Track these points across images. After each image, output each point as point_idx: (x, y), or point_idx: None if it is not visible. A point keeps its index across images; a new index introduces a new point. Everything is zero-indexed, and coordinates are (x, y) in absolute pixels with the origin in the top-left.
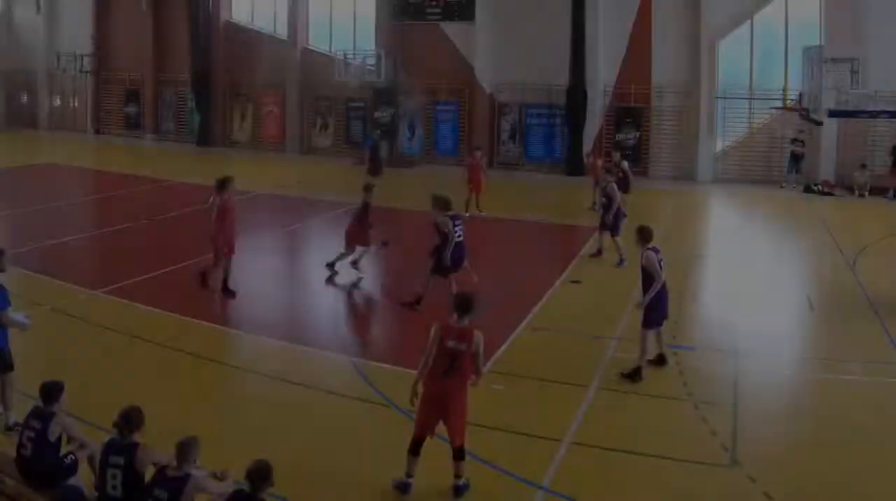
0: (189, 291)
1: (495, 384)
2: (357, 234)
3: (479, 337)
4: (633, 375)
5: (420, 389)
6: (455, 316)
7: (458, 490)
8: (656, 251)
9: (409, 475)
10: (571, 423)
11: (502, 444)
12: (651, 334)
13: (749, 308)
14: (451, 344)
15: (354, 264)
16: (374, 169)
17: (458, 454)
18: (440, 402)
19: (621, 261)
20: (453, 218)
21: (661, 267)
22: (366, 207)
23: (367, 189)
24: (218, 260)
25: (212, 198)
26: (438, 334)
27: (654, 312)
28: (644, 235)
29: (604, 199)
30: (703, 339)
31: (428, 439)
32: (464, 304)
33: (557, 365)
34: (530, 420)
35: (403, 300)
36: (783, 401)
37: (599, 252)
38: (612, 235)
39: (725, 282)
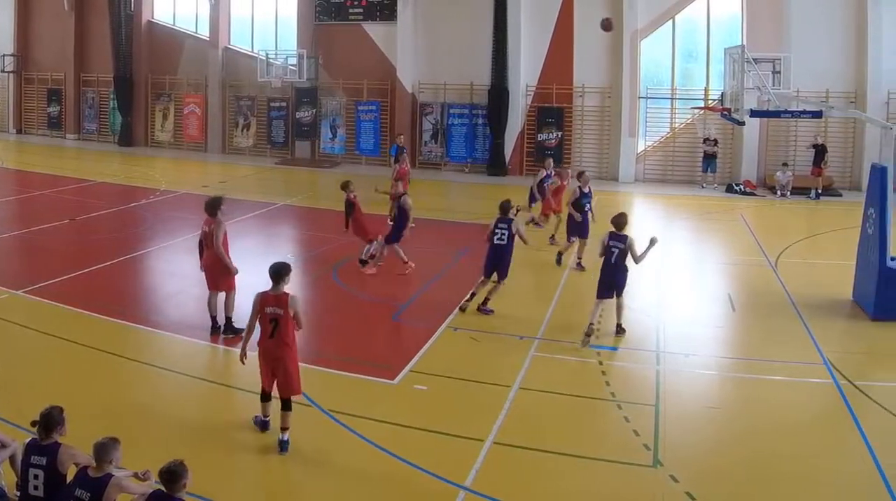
0: (112, 291)
1: (417, 385)
2: (364, 228)
3: (293, 299)
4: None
5: (253, 350)
6: (271, 285)
7: (283, 445)
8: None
9: (265, 414)
10: (493, 423)
11: (424, 444)
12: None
13: (671, 308)
14: (269, 310)
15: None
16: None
17: (285, 405)
18: (270, 360)
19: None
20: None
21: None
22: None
23: (345, 186)
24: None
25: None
26: (258, 303)
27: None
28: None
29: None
30: (626, 340)
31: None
32: (277, 274)
33: (479, 366)
34: (452, 421)
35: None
36: (705, 402)
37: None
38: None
39: (647, 283)
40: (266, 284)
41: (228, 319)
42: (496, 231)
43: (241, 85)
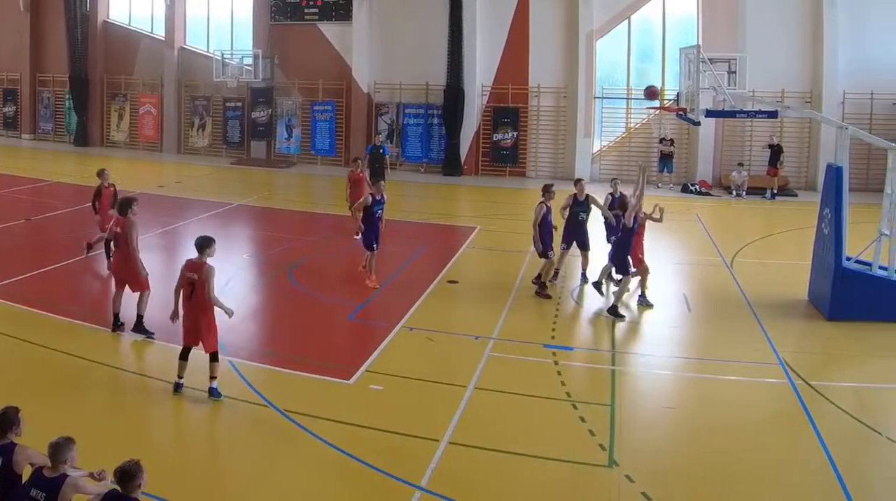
0: (68, 291)
1: (373, 385)
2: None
3: (208, 269)
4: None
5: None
6: (196, 252)
7: (212, 392)
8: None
9: (179, 376)
10: (449, 423)
11: (380, 444)
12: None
13: (627, 308)
14: (188, 275)
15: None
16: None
17: (212, 357)
18: (191, 320)
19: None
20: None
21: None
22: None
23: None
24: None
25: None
26: (183, 268)
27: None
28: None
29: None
30: (582, 339)
31: None
32: (199, 246)
33: (435, 366)
34: (408, 421)
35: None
36: (661, 402)
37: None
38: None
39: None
40: (217, 281)
41: (140, 317)
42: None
43: (196, 85)
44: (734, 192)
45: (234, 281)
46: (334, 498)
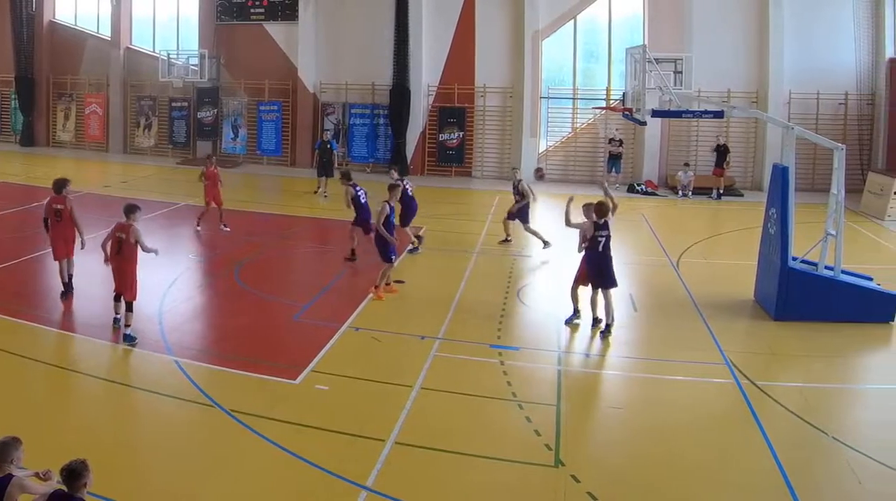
0: (14, 291)
1: (319, 385)
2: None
3: (135, 229)
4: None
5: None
6: (124, 217)
7: (126, 338)
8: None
9: (117, 312)
10: (395, 423)
11: (326, 444)
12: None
13: (573, 308)
14: (117, 234)
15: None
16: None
17: (128, 306)
18: (117, 270)
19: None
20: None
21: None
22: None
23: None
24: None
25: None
26: (112, 229)
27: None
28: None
29: (518, 196)
30: (528, 339)
31: None
32: (127, 211)
33: (381, 366)
34: (354, 421)
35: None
36: (607, 402)
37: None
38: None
39: (549, 282)
40: (163, 280)
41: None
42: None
43: (142, 85)
44: (680, 192)
45: (180, 280)
46: (280, 498)
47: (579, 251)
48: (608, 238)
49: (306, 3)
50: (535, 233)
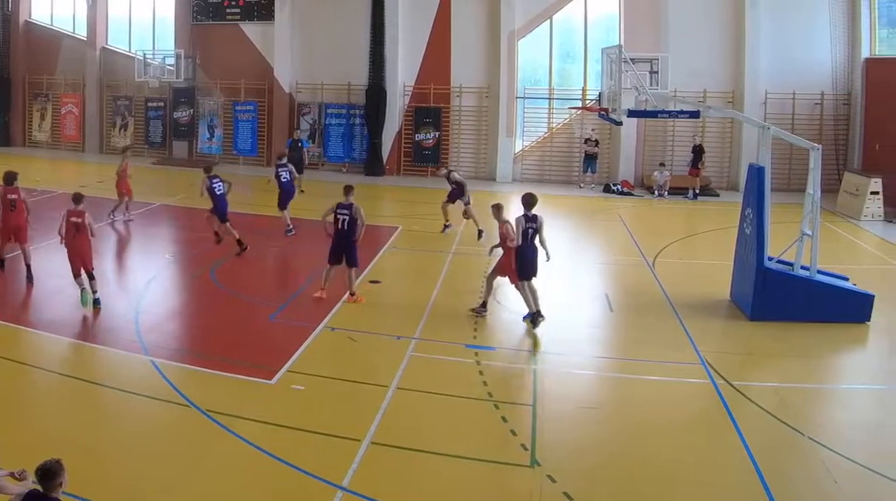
0: None
1: (295, 384)
2: None
3: (89, 217)
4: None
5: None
6: (73, 205)
7: (96, 302)
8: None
9: (82, 285)
10: (371, 423)
11: (302, 444)
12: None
13: (549, 308)
14: (72, 219)
15: None
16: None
17: (90, 276)
18: (76, 251)
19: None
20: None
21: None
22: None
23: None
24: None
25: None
26: (65, 214)
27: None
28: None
29: (453, 185)
30: (504, 340)
31: None
32: (76, 199)
33: (357, 366)
34: (330, 420)
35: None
36: (583, 402)
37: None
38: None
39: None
40: (140, 280)
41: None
42: (215, 185)
43: (118, 85)
44: (656, 192)
45: (156, 280)
46: (256, 498)
47: (517, 244)
48: (535, 230)
49: (282, 4)
50: (473, 219)
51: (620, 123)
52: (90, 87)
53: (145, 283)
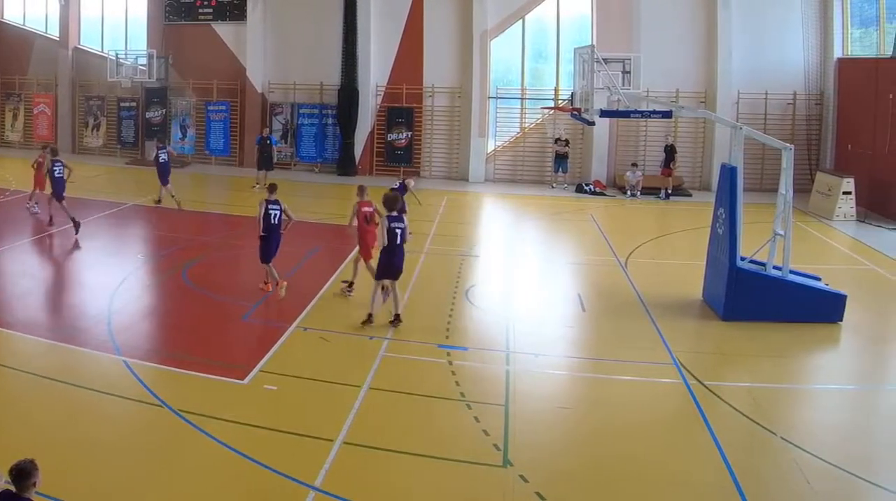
0: None
1: (268, 385)
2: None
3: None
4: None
5: None
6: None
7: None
8: (393, 219)
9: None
10: (343, 423)
11: (274, 444)
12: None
13: (522, 308)
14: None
15: None
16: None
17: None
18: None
19: None
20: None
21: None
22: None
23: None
24: None
25: None
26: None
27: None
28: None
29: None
30: (476, 339)
31: None
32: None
33: (329, 366)
34: (302, 420)
35: None
36: (555, 402)
37: None
38: None
39: (497, 282)
40: (112, 280)
41: None
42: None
43: (91, 85)
44: (628, 192)
45: (129, 280)
46: (228, 499)
47: (385, 243)
48: (403, 230)
49: (254, 4)
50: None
51: (593, 123)
52: (63, 87)
53: (117, 283)
